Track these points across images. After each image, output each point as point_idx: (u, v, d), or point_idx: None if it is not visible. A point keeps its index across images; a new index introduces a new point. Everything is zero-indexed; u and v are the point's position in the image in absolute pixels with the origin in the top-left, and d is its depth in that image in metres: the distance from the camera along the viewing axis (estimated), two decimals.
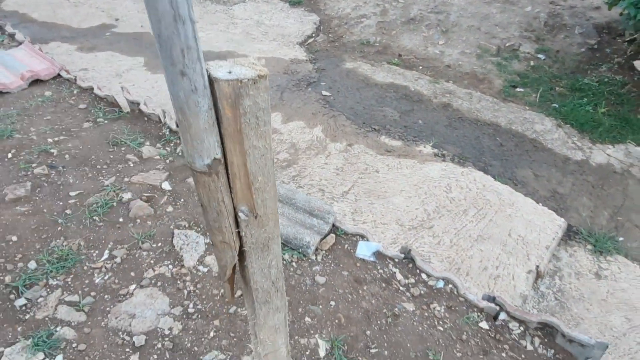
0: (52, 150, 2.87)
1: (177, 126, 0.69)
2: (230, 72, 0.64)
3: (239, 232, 0.80)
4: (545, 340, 2.07)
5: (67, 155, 2.84)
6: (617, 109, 4.46)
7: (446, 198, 3.45)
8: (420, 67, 5.21)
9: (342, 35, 5.99)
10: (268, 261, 0.87)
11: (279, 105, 4.56)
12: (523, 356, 1.99)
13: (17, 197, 2.47)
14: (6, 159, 2.78)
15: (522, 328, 2.10)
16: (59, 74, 3.75)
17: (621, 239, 3.28)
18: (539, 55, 5.14)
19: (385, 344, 1.91)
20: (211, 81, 0.63)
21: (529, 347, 2.04)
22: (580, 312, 2.83)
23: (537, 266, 2.98)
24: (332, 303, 2.06)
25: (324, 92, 4.77)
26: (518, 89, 4.74)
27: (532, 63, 5.07)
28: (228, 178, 0.73)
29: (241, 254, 0.84)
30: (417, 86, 4.85)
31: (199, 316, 1.93)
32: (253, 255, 0.84)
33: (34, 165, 2.73)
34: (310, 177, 3.55)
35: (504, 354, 1.97)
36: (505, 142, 4.12)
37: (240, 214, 0.77)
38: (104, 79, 4.69)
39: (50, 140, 2.97)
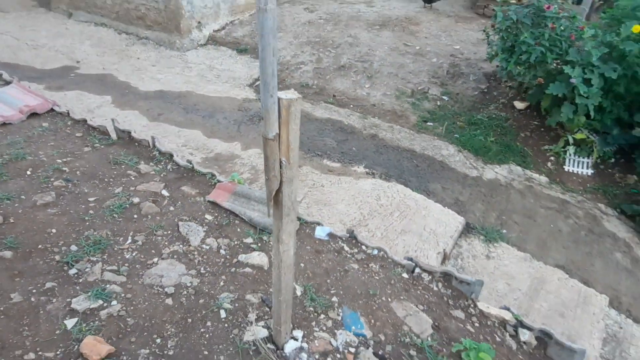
0: (64, 168, 3.52)
1: (262, 119, 1.57)
2: (286, 95, 1.55)
3: (281, 172, 1.68)
4: (445, 283, 3.06)
5: (77, 172, 3.51)
6: (502, 138, 5.80)
7: (377, 204, 4.45)
8: (351, 106, 6.33)
9: (284, 79, 7.03)
10: (292, 189, 1.75)
11: (238, 136, 5.43)
12: (431, 293, 2.96)
13: (46, 203, 3.11)
14: (26, 175, 3.39)
15: (430, 277, 3.08)
16: (52, 109, 4.37)
17: (504, 231, 4.42)
18: (444, 97, 6.49)
19: (341, 287, 2.80)
20: (279, 99, 1.53)
21: (435, 288, 3.01)
22: None
23: (444, 250, 4.03)
24: (302, 264, 2.93)
25: None
26: (429, 123, 5.98)
27: (438, 103, 6.38)
28: (279, 143, 1.62)
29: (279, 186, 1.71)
30: (349, 121, 5.94)
31: (210, 274, 2.70)
32: (285, 185, 1.72)
33: (52, 179, 3.37)
34: None
35: (418, 292, 2.93)
36: (420, 163, 5.25)
37: (282, 161, 1.65)
38: (78, 114, 5.29)
39: (59, 160, 3.62)
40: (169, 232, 3.03)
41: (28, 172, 3.44)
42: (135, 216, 3.12)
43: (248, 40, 7.92)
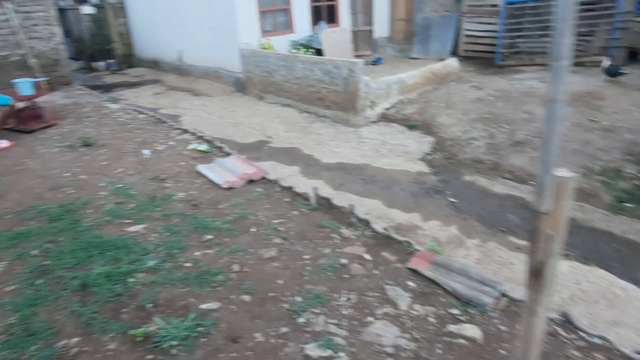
0: (279, 228, 4.05)
1: (537, 192, 1.68)
2: (562, 173, 1.64)
3: (547, 245, 1.73)
4: None
5: (291, 232, 4.00)
6: None
7: (577, 289, 4.10)
8: (532, 182, 6.08)
9: (456, 153, 7.13)
10: (554, 263, 1.78)
11: (416, 208, 5.58)
12: None
13: (270, 257, 3.58)
14: (251, 232, 3.98)
15: None
16: (263, 177, 5.13)
17: None
18: None
19: None
20: (556, 177, 1.64)
21: None
22: None
23: None
24: (518, 344, 2.81)
25: (451, 199, 5.77)
26: (627, 204, 5.42)
27: (636, 182, 5.77)
28: (550, 217, 1.69)
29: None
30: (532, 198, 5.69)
31: (424, 340, 2.77)
32: (550, 259, 1.76)
33: (272, 237, 3.89)
34: None
35: None
36: (622, 248, 4.74)
37: (551, 235, 1.71)
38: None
39: (274, 221, 4.18)
40: (378, 294, 3.21)
41: (253, 229, 4.02)
42: (346, 276, 3.39)
43: (417, 117, 8.30)
